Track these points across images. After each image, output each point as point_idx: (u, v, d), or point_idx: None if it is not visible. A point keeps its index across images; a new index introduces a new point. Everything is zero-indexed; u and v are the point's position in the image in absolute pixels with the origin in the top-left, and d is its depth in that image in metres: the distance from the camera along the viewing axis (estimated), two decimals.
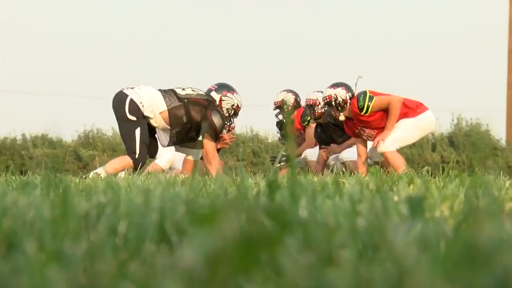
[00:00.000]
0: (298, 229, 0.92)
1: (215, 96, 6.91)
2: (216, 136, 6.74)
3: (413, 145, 16.70)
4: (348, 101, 7.40)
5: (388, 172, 4.88)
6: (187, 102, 6.56)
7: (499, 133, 17.55)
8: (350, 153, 8.16)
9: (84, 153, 15.73)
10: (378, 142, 7.21)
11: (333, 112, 7.50)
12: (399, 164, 7.07)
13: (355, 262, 0.82)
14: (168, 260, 0.81)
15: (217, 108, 6.77)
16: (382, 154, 7.23)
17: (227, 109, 6.92)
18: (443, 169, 3.20)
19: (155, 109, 6.46)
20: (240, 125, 17.87)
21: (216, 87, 6.98)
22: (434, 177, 3.55)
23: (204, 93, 6.78)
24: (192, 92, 6.65)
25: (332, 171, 7.35)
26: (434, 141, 16.92)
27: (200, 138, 6.67)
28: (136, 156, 6.29)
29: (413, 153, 16.56)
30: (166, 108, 6.49)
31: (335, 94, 7.41)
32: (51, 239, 1.00)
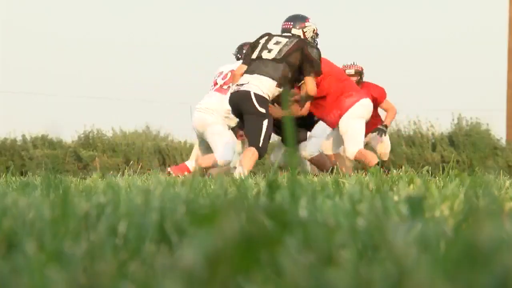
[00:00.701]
0: (298, 229, 0.92)
1: (297, 32, 6.86)
2: (319, 67, 6.68)
3: (413, 144, 16.70)
4: None
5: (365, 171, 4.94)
6: (286, 60, 6.59)
7: (499, 132, 17.53)
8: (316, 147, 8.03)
9: (84, 153, 15.72)
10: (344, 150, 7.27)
11: None
12: (370, 158, 7.08)
13: (355, 262, 0.82)
14: (168, 260, 0.81)
15: (307, 42, 6.73)
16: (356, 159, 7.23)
17: (311, 37, 6.92)
18: (443, 169, 3.20)
19: (272, 89, 6.57)
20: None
21: (291, 24, 6.91)
22: (434, 177, 3.55)
23: (287, 38, 6.73)
24: (280, 48, 6.64)
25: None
26: (434, 141, 16.92)
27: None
28: (260, 146, 6.46)
29: (413, 153, 16.56)
30: (276, 82, 6.58)
31: None
32: (51, 239, 1.00)
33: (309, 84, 6.67)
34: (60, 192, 1.55)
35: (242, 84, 6.59)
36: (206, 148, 7.67)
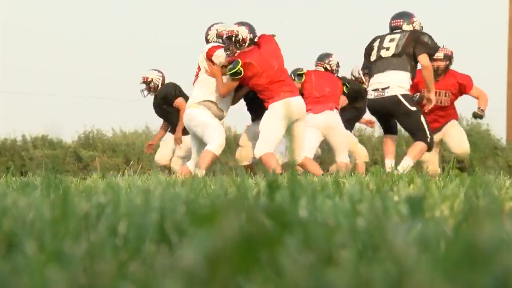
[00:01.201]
0: (298, 229, 0.92)
1: (408, 27, 7.13)
2: (434, 50, 6.96)
3: None
4: (248, 41, 7.14)
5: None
6: (405, 53, 6.87)
7: (499, 132, 17.53)
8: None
9: (84, 154, 15.72)
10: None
11: (231, 47, 7.24)
12: (273, 165, 6.94)
13: (355, 262, 0.82)
14: (168, 260, 0.81)
15: (419, 31, 7.01)
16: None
17: (420, 28, 7.21)
18: (443, 169, 3.20)
19: (407, 80, 6.93)
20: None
21: (401, 20, 7.18)
22: (434, 177, 3.55)
23: (399, 33, 6.98)
24: (397, 43, 6.91)
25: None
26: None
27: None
28: (428, 140, 6.88)
29: None
30: (409, 73, 6.90)
31: (237, 31, 7.16)
32: (51, 239, 1.00)
33: (423, 61, 6.86)
34: (60, 192, 1.55)
35: (383, 89, 6.88)
36: (199, 145, 7.52)
